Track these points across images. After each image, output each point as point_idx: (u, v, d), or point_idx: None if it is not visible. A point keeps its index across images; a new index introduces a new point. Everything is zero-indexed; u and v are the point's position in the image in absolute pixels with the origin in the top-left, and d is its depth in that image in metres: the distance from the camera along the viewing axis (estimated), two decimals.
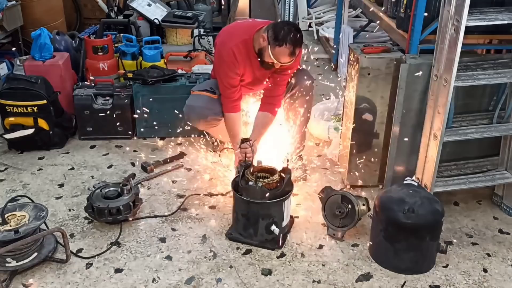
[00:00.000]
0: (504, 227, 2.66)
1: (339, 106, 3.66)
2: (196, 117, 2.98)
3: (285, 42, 2.58)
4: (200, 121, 2.99)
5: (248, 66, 2.81)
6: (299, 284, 2.25)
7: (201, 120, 2.97)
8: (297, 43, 2.62)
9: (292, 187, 2.49)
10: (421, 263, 2.31)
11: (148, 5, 4.60)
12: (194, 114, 2.97)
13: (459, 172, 2.74)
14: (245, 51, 2.76)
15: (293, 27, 2.63)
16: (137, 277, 2.27)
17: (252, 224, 2.43)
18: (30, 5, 4.47)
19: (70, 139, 3.51)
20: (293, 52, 2.61)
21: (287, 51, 2.61)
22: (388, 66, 2.64)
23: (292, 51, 2.61)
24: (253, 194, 2.38)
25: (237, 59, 2.77)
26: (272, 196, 2.38)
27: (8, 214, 2.26)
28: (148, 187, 2.96)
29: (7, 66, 4.14)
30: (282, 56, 2.64)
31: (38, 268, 2.30)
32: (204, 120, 2.97)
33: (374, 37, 4.90)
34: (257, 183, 2.37)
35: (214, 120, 2.96)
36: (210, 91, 2.96)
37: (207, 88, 2.98)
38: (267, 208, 2.39)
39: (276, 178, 2.44)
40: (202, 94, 2.97)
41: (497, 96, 2.69)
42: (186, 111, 3.00)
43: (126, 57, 3.91)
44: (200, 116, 2.95)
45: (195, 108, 2.95)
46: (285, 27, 2.61)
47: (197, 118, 2.98)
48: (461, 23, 2.18)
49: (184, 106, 3.02)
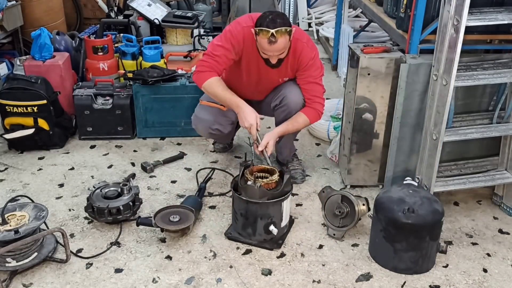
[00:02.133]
0: (504, 227, 2.66)
1: (339, 106, 3.66)
2: (203, 129, 2.98)
3: (262, 26, 2.44)
4: (207, 133, 3.00)
5: (253, 57, 2.69)
6: (299, 284, 2.25)
7: (208, 132, 2.98)
8: (275, 26, 2.42)
9: (291, 188, 2.49)
10: (421, 263, 2.31)
11: (148, 5, 4.60)
12: (202, 127, 2.98)
13: (459, 172, 2.74)
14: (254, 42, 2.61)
15: (275, 13, 2.50)
16: (137, 277, 2.27)
17: (251, 224, 2.43)
18: (30, 5, 4.47)
19: (70, 139, 3.51)
20: (273, 37, 2.42)
21: (266, 37, 2.44)
22: (388, 66, 2.64)
23: (270, 36, 2.42)
24: (252, 194, 2.38)
25: (243, 41, 2.64)
26: (271, 196, 2.38)
27: (8, 214, 2.26)
28: (148, 187, 2.97)
29: (7, 66, 4.14)
30: (264, 44, 2.48)
31: (38, 268, 2.30)
32: (210, 133, 2.98)
33: (374, 37, 4.90)
34: (256, 183, 2.37)
35: (219, 132, 2.97)
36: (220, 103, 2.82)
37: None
38: (265, 208, 2.39)
39: (275, 178, 2.44)
40: (212, 105, 2.88)
41: (497, 96, 2.69)
42: (195, 122, 3.00)
43: (126, 57, 3.90)
44: (208, 129, 2.96)
45: (204, 121, 2.95)
46: (266, 13, 2.49)
47: (204, 130, 2.98)
48: (461, 23, 2.18)
49: (193, 116, 3.01)
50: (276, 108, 2.84)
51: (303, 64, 2.71)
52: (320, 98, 2.77)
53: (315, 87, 2.76)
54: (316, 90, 2.76)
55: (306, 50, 2.68)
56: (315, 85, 2.76)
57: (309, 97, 2.76)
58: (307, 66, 2.71)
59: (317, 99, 2.76)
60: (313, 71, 2.73)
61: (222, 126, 2.95)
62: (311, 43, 2.75)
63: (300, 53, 2.68)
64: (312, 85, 2.75)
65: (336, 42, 4.81)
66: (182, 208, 2.56)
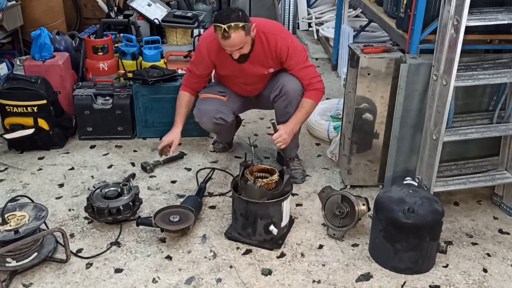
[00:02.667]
0: (504, 227, 2.66)
1: (339, 106, 3.66)
2: (207, 120, 2.98)
3: (217, 21, 2.50)
4: (212, 123, 2.99)
5: (226, 59, 2.73)
6: (299, 284, 2.25)
7: (213, 122, 2.97)
8: (228, 21, 2.46)
9: (291, 188, 2.49)
10: (421, 263, 2.31)
11: (148, 5, 4.60)
12: (206, 117, 2.97)
13: (459, 172, 2.74)
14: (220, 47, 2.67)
15: (231, 9, 2.58)
16: (137, 277, 2.27)
17: (251, 224, 2.43)
18: (30, 5, 4.47)
19: (70, 139, 3.51)
20: (225, 32, 2.47)
21: (220, 32, 2.50)
22: (388, 66, 2.64)
23: (223, 31, 2.48)
24: (252, 194, 2.38)
25: (208, 54, 2.80)
26: (271, 196, 2.38)
27: (8, 214, 2.26)
28: (148, 187, 2.97)
29: (7, 66, 4.14)
30: (219, 39, 2.56)
31: (38, 268, 2.30)
32: (215, 123, 2.98)
33: (374, 37, 4.90)
34: (256, 183, 2.37)
35: (223, 121, 2.97)
36: (220, 94, 2.99)
37: (216, 92, 3.00)
38: (265, 208, 2.39)
39: (275, 178, 2.44)
40: (212, 96, 2.98)
41: (497, 96, 2.69)
42: (198, 114, 3.00)
43: (126, 57, 3.90)
44: (212, 119, 2.96)
45: (206, 111, 2.96)
46: (224, 9, 2.56)
47: (208, 120, 2.98)
48: (461, 23, 2.18)
49: (195, 110, 3.02)
50: (276, 99, 2.86)
51: (284, 55, 2.76)
52: (316, 78, 2.82)
53: (308, 71, 2.82)
54: (310, 73, 2.82)
55: (280, 41, 2.74)
56: (306, 69, 2.81)
57: (308, 83, 2.81)
58: (289, 55, 2.76)
59: (315, 80, 2.81)
60: (297, 57, 2.78)
61: (225, 115, 2.96)
62: (284, 33, 2.82)
63: (275, 44, 2.74)
64: (304, 70, 2.81)
65: (336, 42, 4.81)
66: (182, 208, 2.56)
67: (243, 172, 2.47)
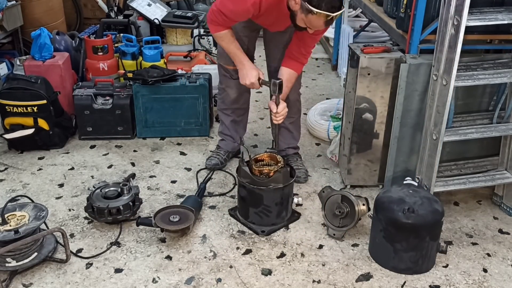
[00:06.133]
0: (504, 227, 2.66)
1: (339, 106, 3.66)
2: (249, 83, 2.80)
3: (320, 8, 2.24)
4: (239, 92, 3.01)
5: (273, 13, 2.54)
6: (299, 284, 2.25)
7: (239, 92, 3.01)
8: (334, 9, 2.26)
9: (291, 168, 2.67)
10: (421, 263, 2.31)
11: (148, 5, 4.60)
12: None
13: (459, 172, 2.74)
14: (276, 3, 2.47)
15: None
16: (137, 277, 2.27)
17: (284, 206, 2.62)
18: (30, 5, 4.47)
19: (70, 139, 3.51)
20: (331, 20, 2.30)
21: (323, 19, 2.29)
22: (388, 66, 2.64)
23: (329, 20, 2.29)
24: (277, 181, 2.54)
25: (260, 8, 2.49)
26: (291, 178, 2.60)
27: (8, 214, 2.26)
28: (148, 187, 2.97)
29: (7, 66, 4.14)
30: (316, 24, 2.34)
31: (38, 268, 2.30)
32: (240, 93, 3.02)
33: (374, 37, 4.90)
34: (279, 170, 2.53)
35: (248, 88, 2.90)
36: None
37: None
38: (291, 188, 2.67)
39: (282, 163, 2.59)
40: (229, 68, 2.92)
41: (497, 96, 2.69)
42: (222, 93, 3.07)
43: (126, 57, 3.91)
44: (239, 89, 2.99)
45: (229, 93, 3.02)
46: None
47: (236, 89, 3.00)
48: (461, 23, 2.18)
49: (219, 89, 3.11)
50: None
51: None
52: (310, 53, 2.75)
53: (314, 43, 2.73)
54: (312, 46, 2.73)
55: None
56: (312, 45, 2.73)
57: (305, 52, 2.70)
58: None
59: (308, 55, 2.74)
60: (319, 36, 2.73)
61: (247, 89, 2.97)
62: None
63: None
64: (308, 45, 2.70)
65: (336, 42, 4.81)
66: (182, 208, 2.56)
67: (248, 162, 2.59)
